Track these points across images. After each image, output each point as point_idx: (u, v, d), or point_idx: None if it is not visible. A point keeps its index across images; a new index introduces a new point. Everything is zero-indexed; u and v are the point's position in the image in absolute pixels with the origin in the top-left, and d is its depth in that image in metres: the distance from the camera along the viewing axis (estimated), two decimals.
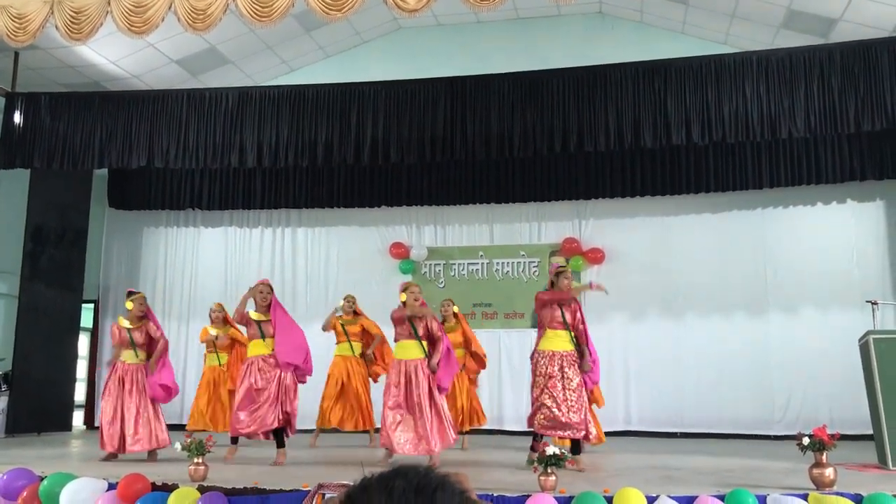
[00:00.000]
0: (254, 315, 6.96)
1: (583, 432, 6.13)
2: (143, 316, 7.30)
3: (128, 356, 7.17)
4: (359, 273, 11.14)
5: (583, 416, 6.14)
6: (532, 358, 6.44)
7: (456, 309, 8.54)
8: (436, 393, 6.47)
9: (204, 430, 8.44)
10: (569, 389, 6.15)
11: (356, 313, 8.81)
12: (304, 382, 7.14)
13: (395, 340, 6.78)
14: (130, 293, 7.45)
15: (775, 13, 9.19)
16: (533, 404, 6.33)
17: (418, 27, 11.01)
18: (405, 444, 6.33)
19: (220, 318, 8.81)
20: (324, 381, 8.64)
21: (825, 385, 9.53)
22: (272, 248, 11.67)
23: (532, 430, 6.32)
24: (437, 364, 6.54)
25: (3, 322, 10.70)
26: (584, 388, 6.30)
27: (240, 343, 8.50)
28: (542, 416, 6.15)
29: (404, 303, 6.67)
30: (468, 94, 8.69)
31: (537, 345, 6.44)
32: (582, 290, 6.69)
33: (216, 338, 8.72)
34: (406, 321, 6.62)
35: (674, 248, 10.43)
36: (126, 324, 7.22)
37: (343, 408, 8.50)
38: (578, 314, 6.43)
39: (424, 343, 6.64)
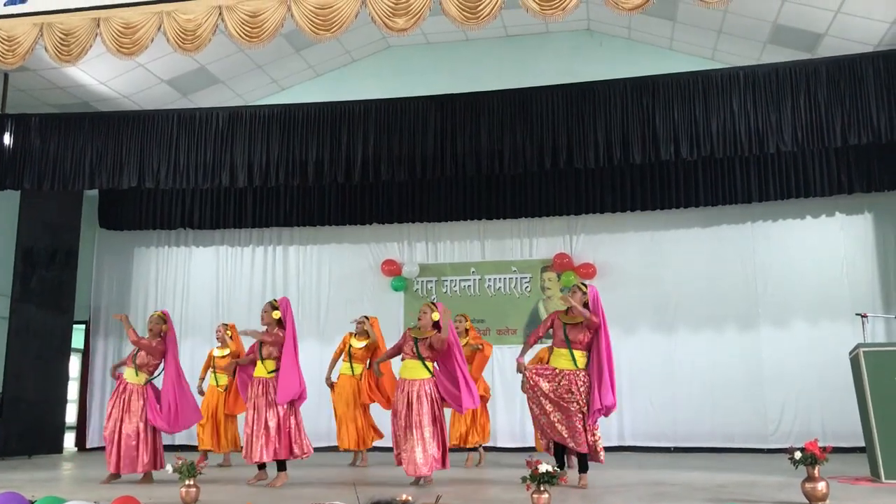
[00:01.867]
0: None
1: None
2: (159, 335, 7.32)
3: (128, 374, 7.19)
4: (351, 291, 11.15)
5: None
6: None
7: (469, 325, 8.52)
8: (438, 416, 6.43)
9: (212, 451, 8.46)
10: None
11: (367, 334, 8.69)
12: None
13: (401, 360, 6.67)
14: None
15: (762, 28, 9.28)
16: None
17: (408, 45, 11.06)
18: (412, 464, 6.27)
19: (225, 338, 8.74)
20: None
21: (817, 397, 9.57)
22: (263, 266, 11.66)
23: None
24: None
25: None
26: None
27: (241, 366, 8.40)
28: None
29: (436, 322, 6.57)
30: (458, 112, 8.75)
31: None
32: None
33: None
34: (410, 339, 6.60)
35: (665, 263, 10.47)
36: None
37: (347, 428, 8.46)
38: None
39: (429, 363, 6.60)
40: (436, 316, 6.55)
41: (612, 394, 6.22)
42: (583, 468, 6.23)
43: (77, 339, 11.52)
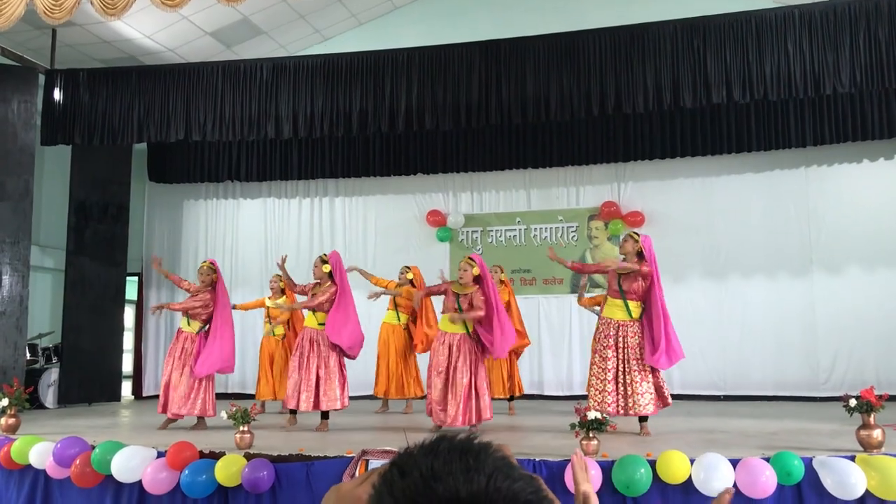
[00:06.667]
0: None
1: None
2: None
3: (183, 323, 7.44)
4: (396, 241, 11.17)
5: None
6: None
7: (503, 276, 8.53)
8: (479, 368, 6.46)
9: (274, 400, 8.64)
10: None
11: (412, 284, 8.75)
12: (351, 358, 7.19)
13: (442, 312, 6.77)
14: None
15: None
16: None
17: None
18: (450, 416, 6.33)
19: (278, 289, 8.85)
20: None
21: (871, 345, 9.38)
22: (310, 218, 11.72)
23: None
24: (473, 320, 6.48)
25: (51, 296, 10.94)
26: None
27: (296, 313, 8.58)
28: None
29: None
30: (502, 58, 8.59)
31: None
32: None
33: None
34: (452, 295, 6.60)
35: (715, 210, 10.26)
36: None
37: (388, 377, 8.57)
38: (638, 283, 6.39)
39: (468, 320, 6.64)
40: (476, 271, 6.56)
41: (677, 348, 6.22)
42: (643, 417, 6.27)
43: (130, 291, 11.77)
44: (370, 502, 0.91)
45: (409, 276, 8.76)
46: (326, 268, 7.02)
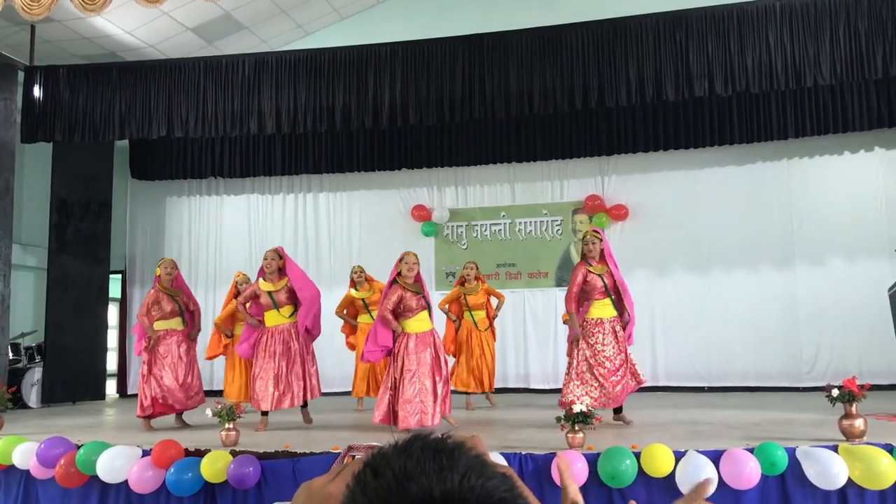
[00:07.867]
0: (264, 286, 6.86)
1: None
2: (174, 281, 7.41)
3: (177, 323, 7.27)
4: (381, 237, 11.15)
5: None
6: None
7: (479, 273, 8.56)
8: (442, 363, 6.40)
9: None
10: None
11: (368, 281, 8.66)
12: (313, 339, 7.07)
13: (406, 312, 6.42)
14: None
15: None
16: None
17: None
18: (445, 411, 6.31)
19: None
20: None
21: (854, 336, 9.46)
22: (294, 214, 11.68)
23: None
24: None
25: (33, 294, 10.86)
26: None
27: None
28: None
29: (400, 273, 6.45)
30: (486, 52, 8.59)
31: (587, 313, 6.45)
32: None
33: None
34: (412, 293, 6.39)
35: (698, 202, 10.32)
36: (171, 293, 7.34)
37: (374, 378, 8.52)
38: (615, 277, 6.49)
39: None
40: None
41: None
42: (620, 409, 6.37)
43: (114, 289, 11.70)
44: (344, 502, 0.91)
45: (364, 275, 8.61)
46: (280, 262, 7.00)
